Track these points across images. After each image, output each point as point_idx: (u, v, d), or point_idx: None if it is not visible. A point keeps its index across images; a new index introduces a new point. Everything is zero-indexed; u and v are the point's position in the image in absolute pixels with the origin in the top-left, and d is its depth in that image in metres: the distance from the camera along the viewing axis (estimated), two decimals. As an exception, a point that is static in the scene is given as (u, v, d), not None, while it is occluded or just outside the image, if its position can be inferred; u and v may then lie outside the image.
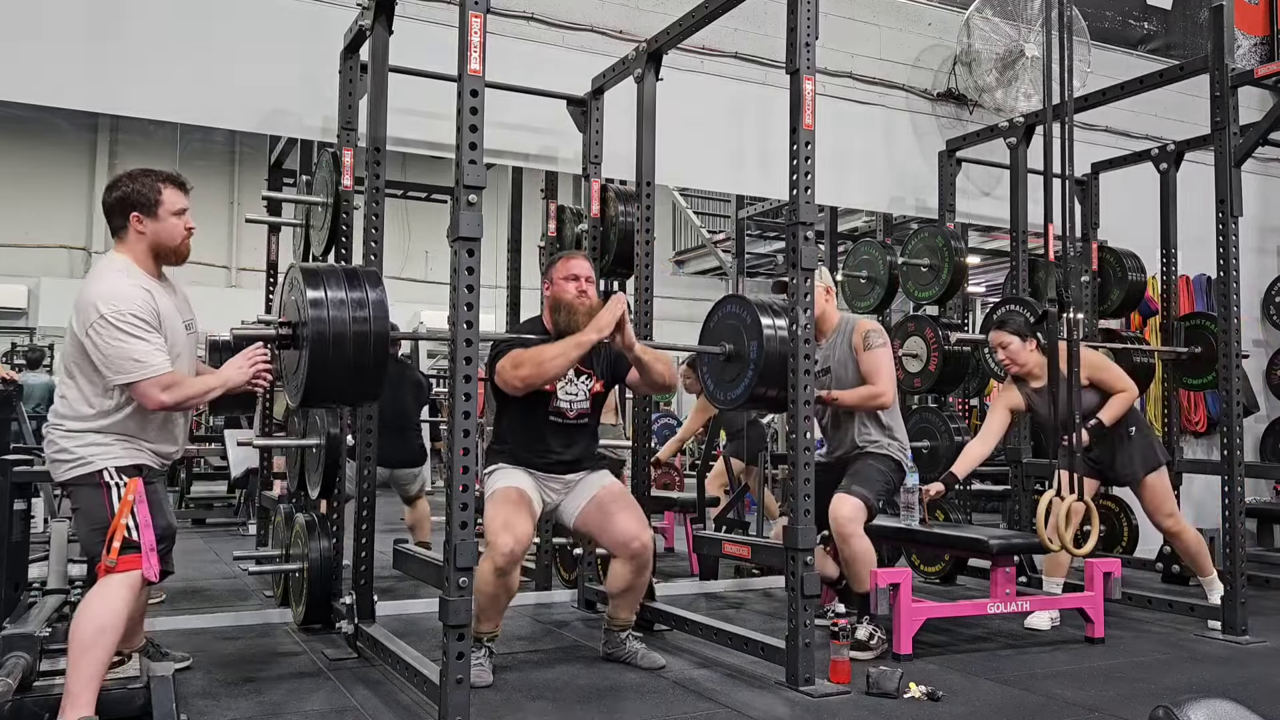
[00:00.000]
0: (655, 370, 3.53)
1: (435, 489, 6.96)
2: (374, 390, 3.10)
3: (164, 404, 2.74)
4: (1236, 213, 4.26)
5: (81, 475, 2.73)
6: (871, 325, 4.08)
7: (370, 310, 2.99)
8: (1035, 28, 5.99)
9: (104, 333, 2.67)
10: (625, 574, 3.53)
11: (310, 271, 3.02)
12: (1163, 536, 5.40)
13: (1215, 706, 1.57)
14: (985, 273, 9.63)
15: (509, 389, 3.41)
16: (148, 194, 2.85)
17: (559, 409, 3.55)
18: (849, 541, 3.79)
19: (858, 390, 3.98)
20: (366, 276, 3.07)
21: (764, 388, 3.52)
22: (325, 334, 2.92)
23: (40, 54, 4.16)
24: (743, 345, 3.60)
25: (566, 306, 3.49)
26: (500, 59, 3.52)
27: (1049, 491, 4.11)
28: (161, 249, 2.88)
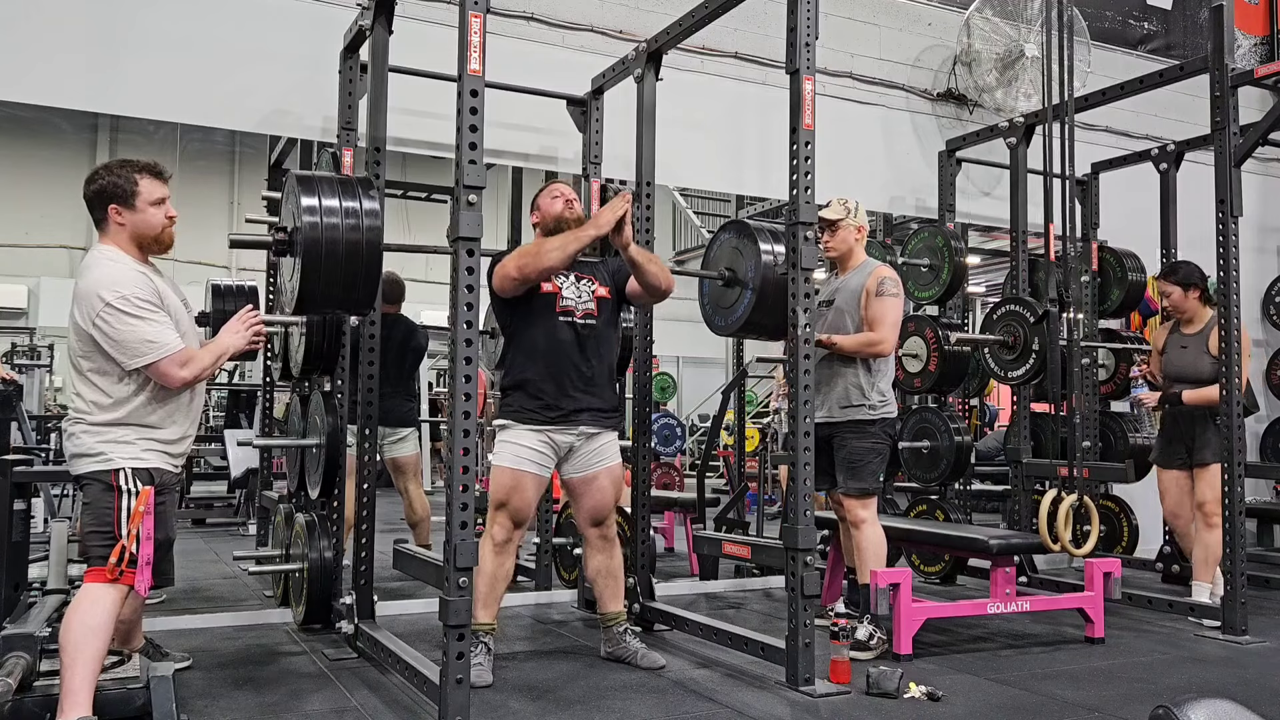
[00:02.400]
0: (650, 271, 3.52)
1: (436, 489, 6.96)
2: (367, 298, 3.16)
3: (184, 379, 2.77)
4: (1236, 213, 4.26)
5: (99, 471, 2.73)
6: (889, 273, 3.99)
7: (363, 219, 3.04)
8: (1035, 28, 5.99)
9: (112, 318, 2.68)
10: (595, 555, 3.67)
11: (305, 179, 3.08)
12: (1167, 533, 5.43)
13: (1215, 706, 1.57)
14: (985, 273, 9.65)
15: (507, 283, 3.41)
16: (124, 185, 2.84)
17: (566, 308, 3.52)
18: (861, 528, 3.85)
19: (857, 336, 3.91)
20: (361, 185, 3.12)
21: (761, 313, 3.54)
22: (319, 240, 2.97)
23: (40, 54, 4.16)
24: (741, 270, 3.63)
25: (556, 217, 3.58)
26: (500, 59, 3.52)
27: (1050, 491, 4.12)
28: (143, 239, 2.88)
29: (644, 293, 3.62)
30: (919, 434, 5.51)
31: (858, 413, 3.92)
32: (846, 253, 4.09)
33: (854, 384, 3.94)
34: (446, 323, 2.85)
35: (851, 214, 4.07)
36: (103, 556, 2.65)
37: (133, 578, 2.66)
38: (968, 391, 6.27)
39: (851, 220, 4.07)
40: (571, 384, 3.51)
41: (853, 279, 4.03)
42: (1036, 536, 4.18)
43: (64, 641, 2.59)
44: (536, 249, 3.42)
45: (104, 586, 2.65)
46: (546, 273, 3.43)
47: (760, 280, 3.53)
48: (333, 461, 3.92)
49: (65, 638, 2.59)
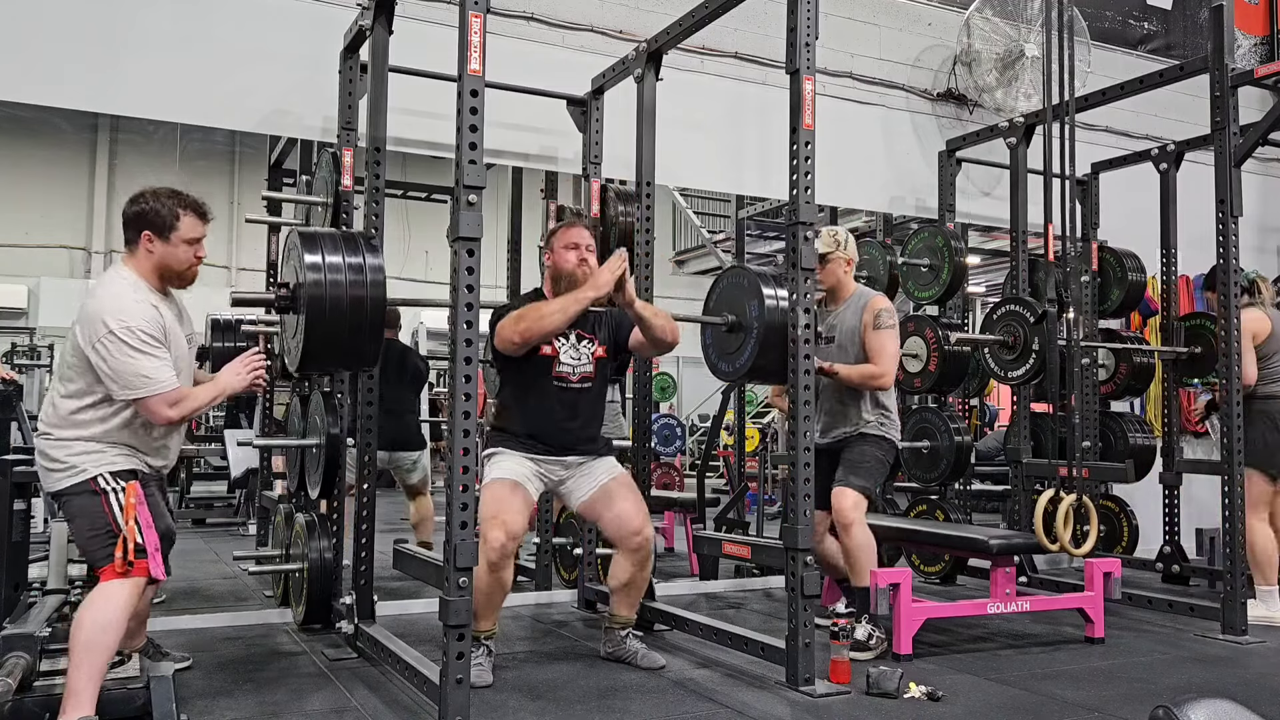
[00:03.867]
0: (656, 325, 3.49)
1: (436, 489, 6.96)
2: (371, 355, 3.11)
3: (171, 419, 2.77)
4: (1236, 213, 4.26)
5: (75, 484, 2.72)
6: (885, 304, 4.03)
7: (367, 275, 3.01)
8: (1035, 28, 5.99)
9: (112, 348, 2.67)
10: (627, 567, 3.55)
11: (308, 235, 3.04)
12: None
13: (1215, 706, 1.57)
14: (985, 273, 9.63)
15: (509, 346, 3.37)
16: (166, 216, 2.85)
17: (562, 374, 3.51)
18: (850, 531, 3.80)
19: (858, 367, 3.94)
20: (364, 241, 3.08)
21: (766, 357, 3.52)
22: (322, 298, 2.94)
23: (40, 54, 4.16)
24: (745, 316, 3.61)
25: (567, 276, 3.50)
26: (500, 59, 3.52)
27: (1048, 490, 4.12)
28: (167, 271, 2.89)
29: (649, 346, 3.61)
30: (919, 434, 5.51)
31: (867, 428, 3.99)
32: (836, 285, 4.11)
33: (861, 408, 4.00)
34: (446, 323, 2.85)
35: (841, 246, 4.10)
36: (109, 555, 2.64)
37: (146, 568, 2.65)
38: (968, 391, 6.26)
39: (841, 253, 4.10)
40: (561, 440, 3.54)
41: (848, 314, 4.06)
42: (1036, 536, 4.17)
43: (73, 639, 2.58)
44: (538, 314, 3.34)
45: (117, 583, 2.63)
46: (548, 336, 3.42)
47: (764, 326, 3.50)
48: (333, 461, 3.92)
49: (75, 635, 2.58)
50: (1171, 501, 5.54)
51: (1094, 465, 4.82)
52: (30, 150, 12.31)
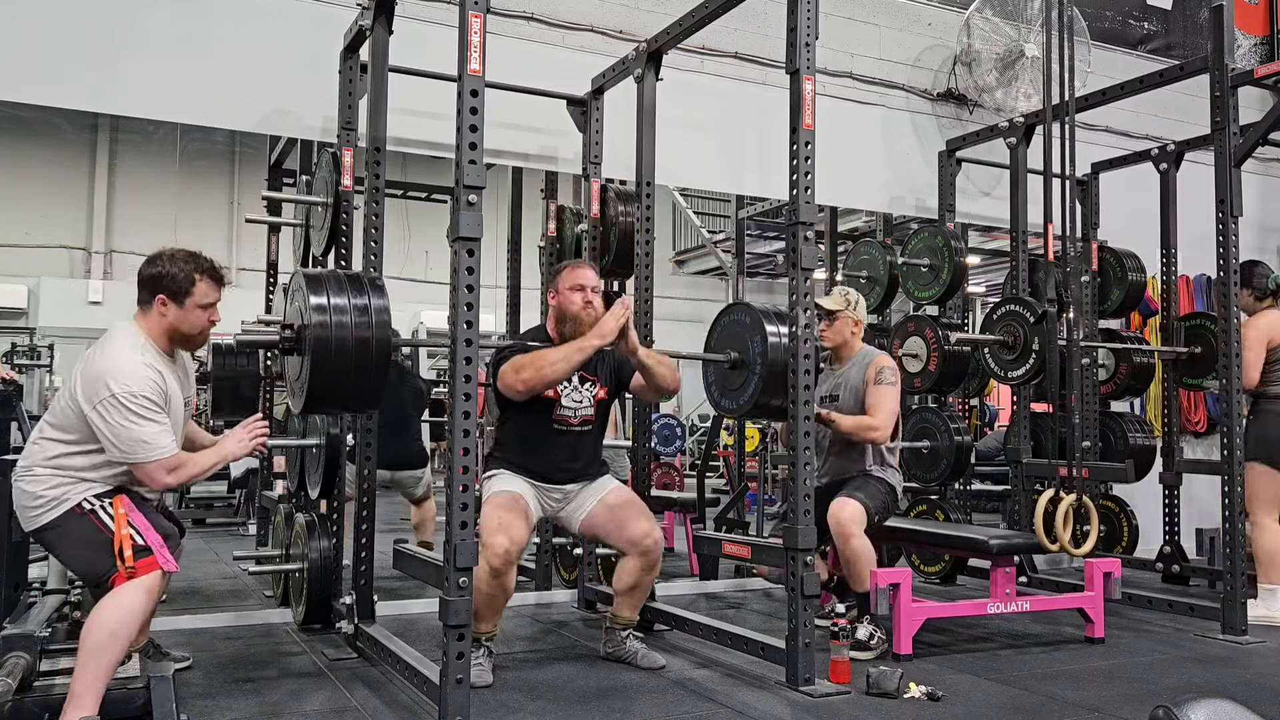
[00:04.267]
0: (659, 374, 3.53)
1: (436, 489, 6.97)
2: (376, 397, 3.09)
3: (169, 485, 2.77)
4: (1236, 213, 4.26)
5: (58, 515, 2.70)
6: (888, 362, 4.11)
7: (373, 316, 2.98)
8: (1035, 28, 5.98)
9: (113, 412, 2.66)
10: (635, 570, 3.55)
11: (313, 277, 3.01)
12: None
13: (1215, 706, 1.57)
14: (985, 273, 9.64)
15: (511, 394, 3.40)
16: (182, 281, 2.86)
17: (563, 416, 3.54)
18: (849, 541, 3.79)
19: (855, 418, 4.00)
20: (369, 283, 3.06)
21: (769, 395, 3.51)
22: (328, 339, 2.91)
23: (40, 54, 4.16)
24: (747, 353, 3.60)
25: (572, 318, 3.49)
26: (500, 59, 3.52)
27: (1048, 490, 4.12)
28: (178, 335, 2.89)
29: (651, 392, 3.63)
30: (919, 434, 5.51)
31: (871, 469, 4.07)
32: (843, 344, 4.18)
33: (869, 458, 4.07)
34: (446, 323, 2.85)
35: (851, 306, 4.17)
36: (111, 567, 2.62)
37: (152, 564, 2.64)
38: (968, 391, 6.26)
39: (850, 313, 4.16)
40: (558, 478, 3.57)
41: (852, 373, 4.12)
42: (1036, 536, 4.17)
43: (83, 641, 2.56)
44: (539, 363, 3.34)
45: (129, 585, 2.61)
46: (551, 386, 3.43)
47: (767, 364, 3.49)
48: (333, 461, 3.92)
49: (85, 638, 2.56)
50: (1171, 501, 5.54)
51: (1094, 465, 4.81)
52: (30, 150, 12.31)
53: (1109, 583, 4.07)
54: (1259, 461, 4.46)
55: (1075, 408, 4.42)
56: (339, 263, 4.03)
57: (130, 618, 2.59)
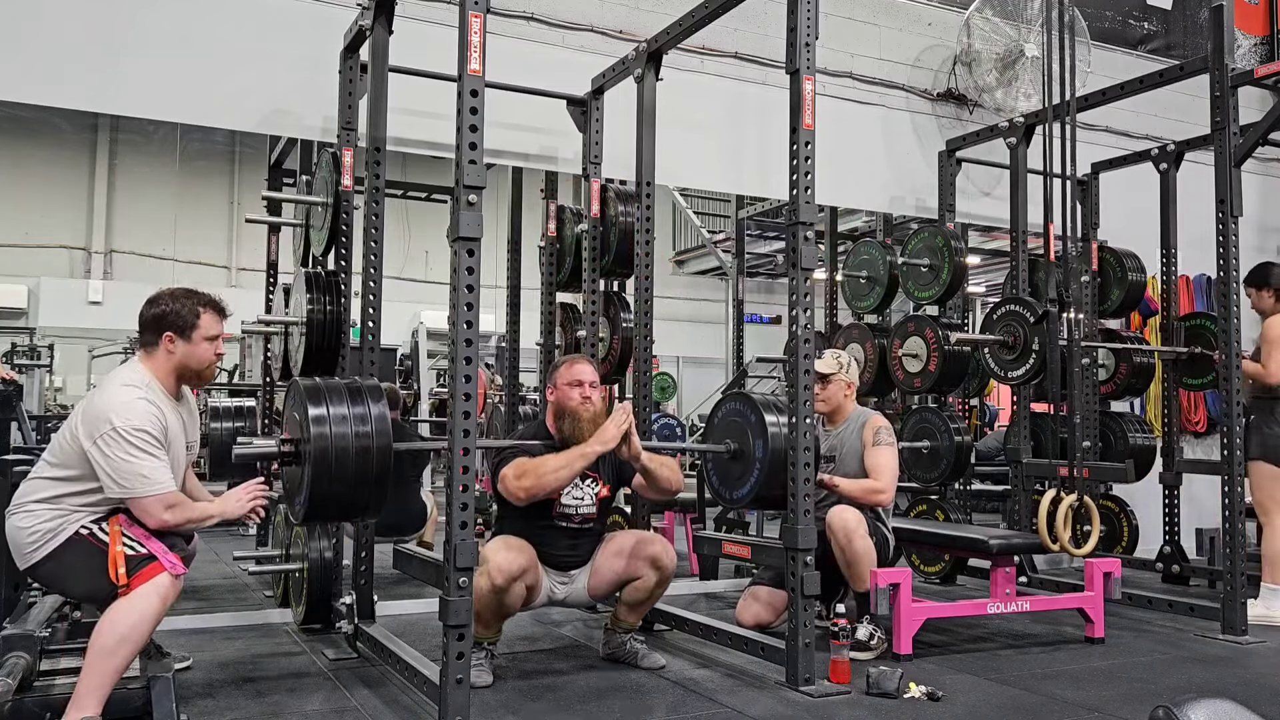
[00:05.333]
0: (661, 477, 3.51)
1: (436, 489, 6.96)
2: (378, 505, 3.06)
3: (165, 523, 2.74)
4: (1236, 213, 4.26)
5: (56, 547, 2.68)
6: (883, 423, 4.11)
7: (373, 425, 2.95)
8: (1035, 28, 5.98)
9: (114, 446, 2.65)
10: (648, 583, 3.54)
11: (312, 389, 2.99)
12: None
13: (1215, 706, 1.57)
14: (985, 273, 9.64)
15: (512, 499, 3.36)
16: (186, 316, 2.86)
17: (564, 513, 3.51)
18: (852, 540, 3.78)
19: (859, 481, 3.99)
20: (369, 391, 3.04)
21: (770, 486, 3.48)
22: (328, 450, 2.89)
23: (40, 54, 4.16)
24: (747, 444, 3.58)
25: (571, 414, 3.47)
26: (500, 59, 3.52)
27: (1050, 491, 4.12)
28: (186, 371, 2.89)
29: (653, 494, 3.63)
30: (919, 434, 5.51)
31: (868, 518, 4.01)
32: (837, 408, 4.20)
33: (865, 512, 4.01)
34: (446, 323, 2.85)
35: (843, 369, 4.19)
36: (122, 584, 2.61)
37: (155, 570, 2.62)
38: (968, 391, 6.26)
39: (844, 375, 4.18)
40: (559, 562, 3.55)
41: (848, 435, 4.13)
42: (1036, 536, 4.18)
43: (92, 641, 2.56)
44: (540, 471, 3.31)
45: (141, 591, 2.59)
46: (553, 493, 3.41)
47: (769, 455, 3.47)
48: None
49: (94, 639, 2.56)
50: (1171, 501, 5.54)
51: (1094, 465, 4.82)
52: (30, 150, 12.31)
53: (1109, 583, 4.07)
54: (1267, 462, 4.47)
55: (1075, 408, 4.43)
56: (339, 263, 4.03)
57: (143, 622, 2.58)
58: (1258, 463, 4.44)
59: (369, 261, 3.79)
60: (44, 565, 2.71)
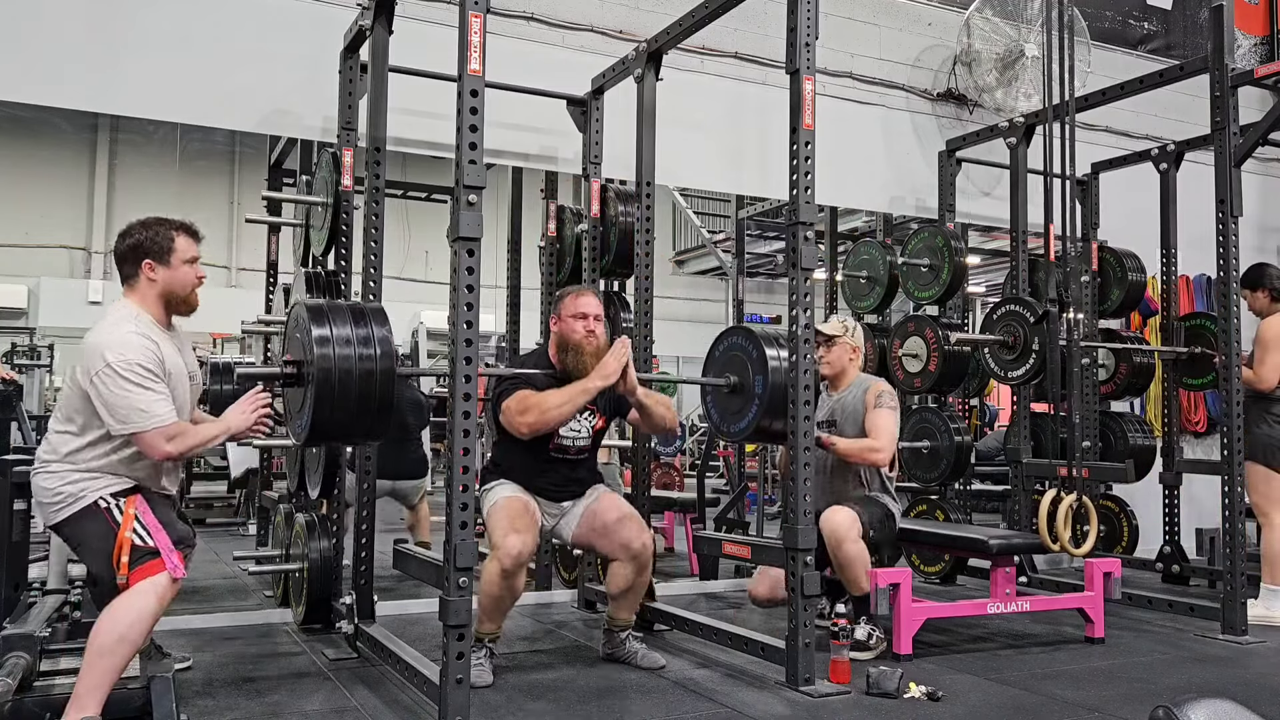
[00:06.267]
0: (657, 414, 3.58)
1: (435, 489, 6.96)
2: (380, 429, 3.07)
3: (169, 454, 2.73)
4: (1236, 213, 4.26)
5: (75, 512, 2.69)
6: (886, 388, 4.09)
7: (376, 347, 2.96)
8: (1035, 28, 5.98)
9: (109, 381, 2.65)
10: (626, 574, 3.55)
11: (315, 309, 2.99)
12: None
13: (1215, 706, 1.57)
14: (985, 273, 9.63)
15: (515, 433, 3.41)
16: (161, 241, 2.85)
17: (561, 445, 3.57)
18: (843, 545, 3.74)
19: (857, 441, 3.98)
20: (372, 314, 3.05)
21: (769, 420, 3.50)
22: (331, 372, 2.89)
23: (40, 54, 4.16)
24: (747, 378, 3.59)
25: (574, 348, 3.50)
26: (500, 59, 3.52)
27: (1050, 491, 4.12)
28: (172, 297, 2.88)
29: (647, 429, 3.68)
30: (919, 434, 5.51)
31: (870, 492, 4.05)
32: (840, 371, 4.16)
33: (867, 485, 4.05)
34: (446, 323, 2.85)
35: (849, 333, 4.16)
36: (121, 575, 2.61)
37: (154, 567, 2.61)
38: (968, 391, 6.26)
39: (849, 339, 4.16)
40: (555, 492, 3.60)
41: (849, 398, 4.11)
42: (1036, 536, 4.18)
43: (91, 640, 2.56)
44: (543, 407, 3.35)
45: (140, 589, 2.60)
46: (554, 428, 3.45)
47: (768, 389, 3.48)
48: (333, 461, 3.92)
49: (93, 638, 2.56)
50: (1171, 501, 5.54)
51: (1094, 465, 4.82)
52: (30, 150, 12.31)
53: (1109, 583, 4.07)
54: (1263, 464, 4.47)
55: (1075, 408, 4.43)
56: (339, 263, 4.03)
57: (140, 621, 2.58)
58: (1251, 464, 4.44)
59: (369, 261, 3.79)
60: (65, 527, 2.74)
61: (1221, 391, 4.31)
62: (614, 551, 3.56)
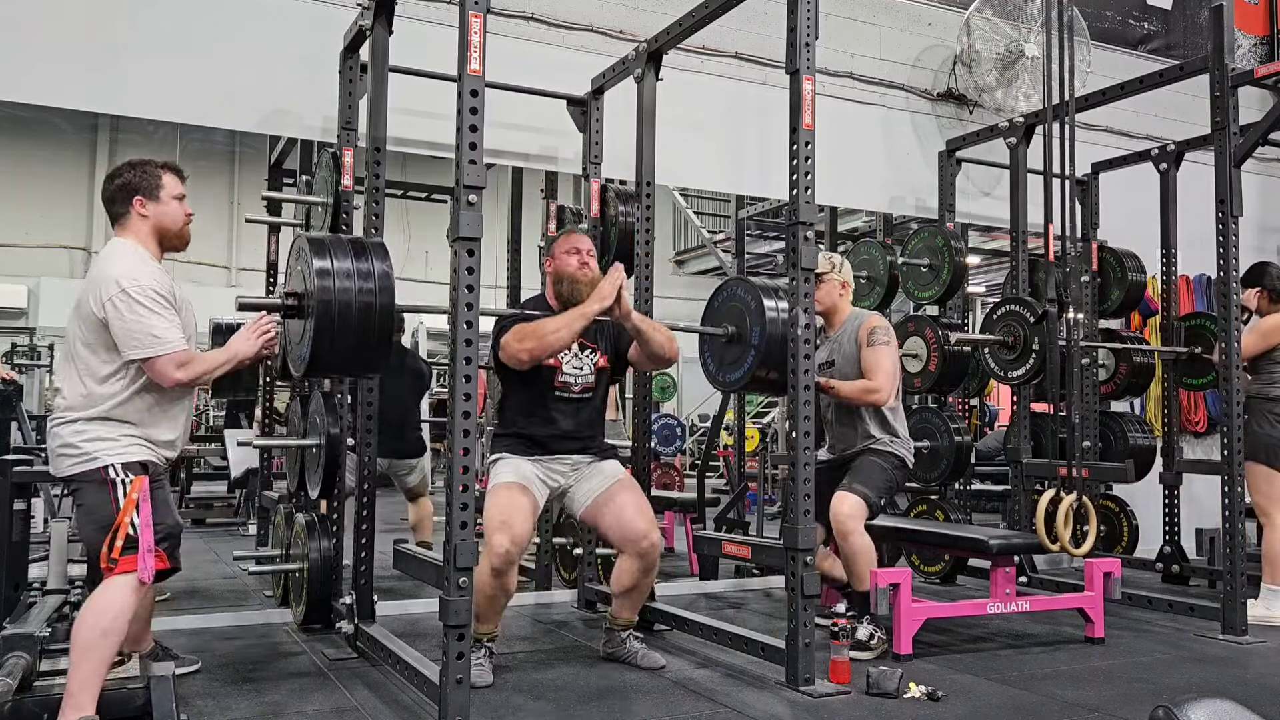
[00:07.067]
0: (654, 340, 3.54)
1: (436, 489, 6.96)
2: (378, 362, 3.12)
3: (179, 380, 2.78)
4: (1236, 213, 4.26)
5: (86, 471, 2.73)
6: (879, 322, 4.06)
7: (376, 281, 3.00)
8: (1035, 28, 5.99)
9: (124, 307, 2.70)
10: (632, 572, 3.54)
11: (317, 241, 3.04)
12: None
13: (1215, 706, 1.57)
14: (985, 273, 9.63)
15: (514, 363, 3.41)
16: (150, 178, 2.91)
17: (564, 383, 3.55)
18: (848, 539, 3.79)
19: (855, 382, 3.97)
20: (373, 248, 3.09)
21: (765, 369, 3.53)
22: (331, 304, 2.94)
23: (40, 54, 4.16)
24: (745, 327, 3.61)
25: (569, 278, 3.53)
26: (500, 59, 3.52)
27: (1048, 491, 4.12)
28: (164, 232, 2.93)
29: (648, 360, 3.65)
30: (919, 434, 5.50)
31: (877, 444, 4.01)
32: (831, 307, 4.14)
33: (872, 427, 4.03)
34: (446, 323, 2.85)
35: (835, 268, 4.14)
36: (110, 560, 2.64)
37: (132, 562, 2.64)
38: (968, 391, 6.26)
39: (836, 275, 4.13)
40: (564, 446, 3.58)
41: (844, 337, 4.10)
42: (1036, 536, 4.18)
43: (74, 640, 2.59)
44: (541, 332, 3.36)
45: (118, 580, 2.63)
46: (554, 353, 3.45)
47: (765, 338, 3.50)
48: (333, 461, 3.92)
49: (75, 637, 2.59)
50: (1171, 501, 5.54)
51: (1094, 465, 4.82)
52: (30, 150, 12.31)
53: (1109, 583, 4.07)
54: (1264, 464, 4.47)
55: (1075, 408, 4.43)
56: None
57: (121, 615, 2.61)
58: (1252, 464, 4.44)
59: (369, 261, 3.78)
60: (73, 482, 2.77)
61: (1221, 391, 4.31)
62: (621, 544, 3.55)
